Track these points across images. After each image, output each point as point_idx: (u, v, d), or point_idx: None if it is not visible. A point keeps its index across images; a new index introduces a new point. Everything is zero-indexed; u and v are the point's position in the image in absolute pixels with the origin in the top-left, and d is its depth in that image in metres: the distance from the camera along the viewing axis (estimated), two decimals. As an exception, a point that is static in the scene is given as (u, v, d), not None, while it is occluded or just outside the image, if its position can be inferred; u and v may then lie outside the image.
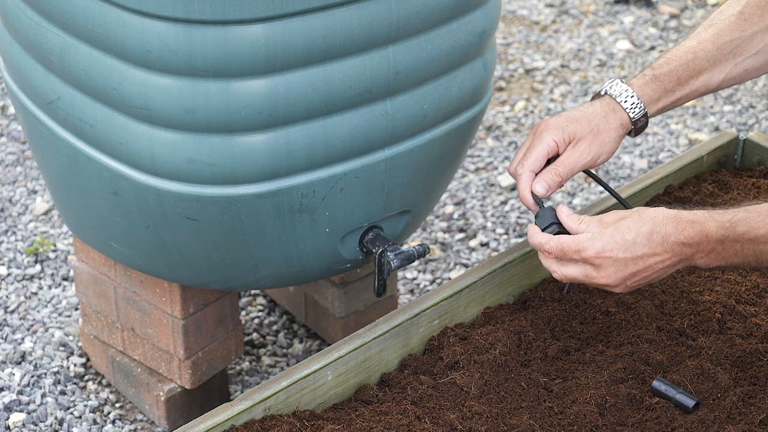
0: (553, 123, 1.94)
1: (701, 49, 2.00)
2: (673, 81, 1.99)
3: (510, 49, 3.80)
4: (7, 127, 3.38)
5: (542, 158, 1.93)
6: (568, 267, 1.81)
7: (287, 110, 1.90)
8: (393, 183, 2.07)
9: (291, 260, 2.10)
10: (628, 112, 1.96)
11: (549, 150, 1.93)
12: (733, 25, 2.00)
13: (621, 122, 1.96)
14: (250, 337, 2.68)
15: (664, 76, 1.99)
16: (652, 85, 1.98)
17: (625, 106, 1.96)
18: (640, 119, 1.97)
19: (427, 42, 1.98)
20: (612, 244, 1.76)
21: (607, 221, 1.80)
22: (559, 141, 1.93)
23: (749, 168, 2.35)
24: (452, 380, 1.87)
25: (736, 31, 1.99)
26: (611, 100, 1.97)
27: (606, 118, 1.95)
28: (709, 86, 2.02)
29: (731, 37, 2.00)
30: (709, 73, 2.00)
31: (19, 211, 3.06)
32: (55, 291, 2.80)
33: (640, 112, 1.96)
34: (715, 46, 2.00)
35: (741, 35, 1.99)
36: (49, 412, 2.46)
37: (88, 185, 2.07)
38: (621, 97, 1.96)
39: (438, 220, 3.06)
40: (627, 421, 1.78)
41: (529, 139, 1.95)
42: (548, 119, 1.95)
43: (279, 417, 1.80)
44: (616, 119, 1.96)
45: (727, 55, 2.00)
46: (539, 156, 1.93)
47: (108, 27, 1.87)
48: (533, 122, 3.45)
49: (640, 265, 1.77)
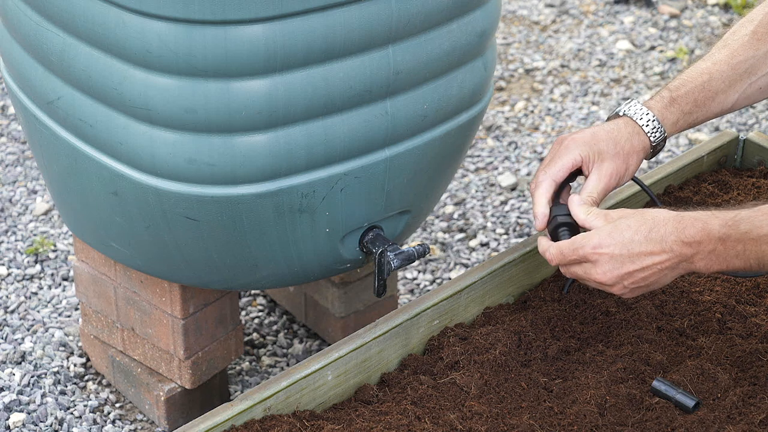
0: (579, 139, 1.93)
1: (716, 70, 2.00)
2: (690, 103, 1.99)
3: (510, 49, 3.80)
4: (7, 127, 3.38)
5: (566, 170, 1.92)
6: (571, 267, 1.82)
7: (287, 110, 1.90)
8: (393, 183, 2.07)
9: (291, 260, 2.10)
10: (649, 136, 1.95)
11: (574, 163, 1.92)
12: (747, 44, 2.00)
13: (643, 145, 1.96)
14: (250, 337, 2.68)
15: (682, 99, 1.99)
16: (671, 108, 1.98)
17: (647, 130, 1.95)
18: (660, 143, 1.97)
19: (427, 42, 1.98)
20: (609, 240, 1.76)
21: (612, 217, 1.80)
22: (585, 157, 1.92)
23: (749, 168, 2.35)
24: (452, 380, 1.87)
25: (749, 50, 2.00)
26: (633, 123, 1.96)
27: (630, 140, 1.94)
28: (724, 106, 2.02)
29: (745, 56, 2.00)
30: (725, 94, 2.01)
31: (19, 211, 3.06)
32: (55, 291, 2.79)
33: (660, 136, 1.96)
34: (729, 66, 2.00)
35: (755, 54, 2.00)
36: (49, 412, 2.46)
37: (88, 185, 2.07)
38: (642, 121, 1.96)
39: (438, 220, 3.06)
40: (627, 421, 1.78)
41: (553, 151, 1.94)
42: (574, 134, 1.94)
43: (279, 417, 1.80)
44: (640, 142, 1.95)
45: (741, 74, 2.00)
46: (564, 167, 1.92)
47: (108, 27, 1.87)
48: (533, 122, 3.45)
49: (637, 264, 1.76)
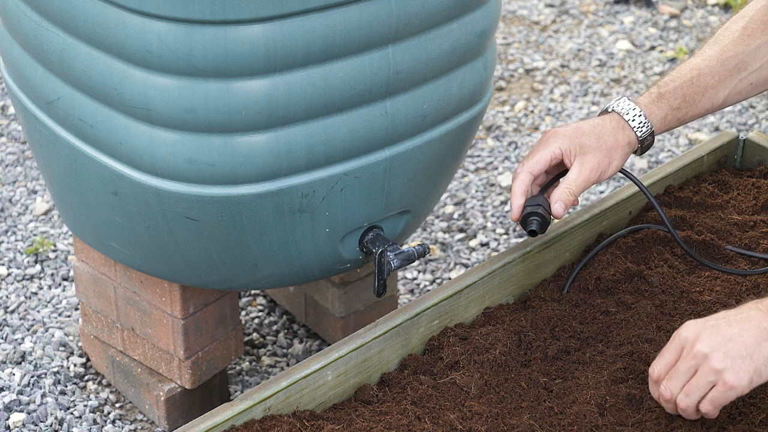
0: (561, 132, 1.94)
1: (706, 65, 1.99)
2: (679, 98, 1.99)
3: (510, 49, 3.80)
4: (7, 127, 3.38)
5: (544, 162, 1.93)
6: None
7: (287, 110, 1.90)
8: (393, 183, 2.07)
9: (291, 260, 2.10)
10: (635, 130, 1.96)
11: (553, 156, 1.93)
12: (737, 40, 1.99)
13: (629, 140, 1.96)
14: (250, 337, 2.68)
15: (670, 94, 1.99)
16: (659, 103, 1.98)
17: (633, 125, 1.96)
18: (647, 138, 1.97)
19: (427, 42, 1.98)
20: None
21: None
22: (565, 150, 1.93)
23: (749, 168, 2.35)
24: (452, 380, 1.87)
25: (740, 45, 1.99)
26: (619, 118, 1.96)
27: (614, 134, 1.95)
28: (714, 102, 2.01)
29: (735, 51, 1.99)
30: (714, 90, 2.00)
31: (19, 211, 3.06)
32: (55, 291, 2.79)
33: (647, 131, 1.96)
34: (719, 62, 1.99)
35: (745, 50, 1.99)
36: (49, 412, 2.46)
37: (88, 185, 2.07)
38: (629, 116, 1.96)
39: (438, 220, 3.06)
40: (627, 421, 1.78)
41: (535, 145, 1.95)
42: (557, 128, 1.95)
43: (279, 417, 1.80)
44: (624, 137, 1.95)
45: (731, 70, 1.99)
46: (541, 159, 1.93)
47: (108, 27, 1.87)
48: (533, 122, 3.45)
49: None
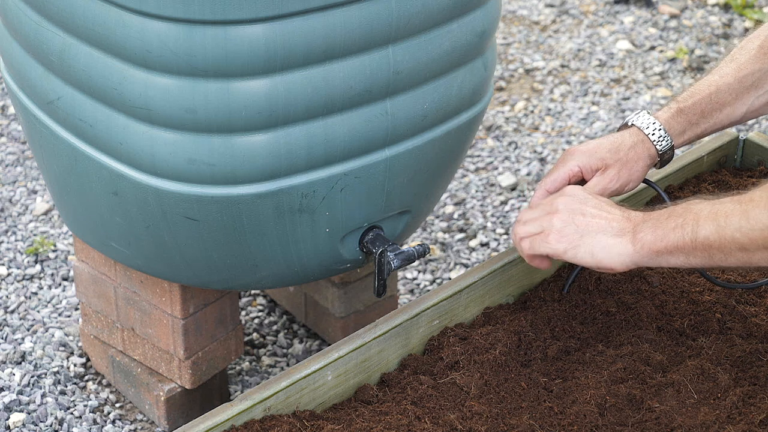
0: (580, 149, 1.96)
1: (723, 83, 2.02)
2: (697, 114, 2.02)
3: (510, 49, 3.80)
4: (7, 127, 3.38)
5: (561, 181, 1.94)
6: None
7: (287, 110, 1.90)
8: (393, 183, 2.07)
9: (291, 260, 2.10)
10: (655, 144, 1.98)
11: (571, 174, 1.94)
12: (754, 58, 2.02)
13: (649, 153, 1.98)
14: (250, 337, 2.68)
15: (689, 109, 2.01)
16: (678, 117, 2.01)
17: (653, 139, 1.98)
18: (667, 152, 1.99)
19: (427, 42, 1.98)
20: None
21: None
22: (584, 167, 1.94)
23: (749, 168, 2.35)
24: (452, 380, 1.87)
25: (756, 64, 2.02)
26: (639, 132, 1.99)
27: (634, 148, 1.97)
28: (732, 118, 2.04)
29: (752, 69, 2.02)
30: (731, 106, 2.03)
31: (19, 211, 3.06)
32: (55, 291, 2.79)
33: (667, 144, 1.99)
34: (736, 80, 2.02)
35: (761, 68, 2.02)
36: (49, 412, 2.46)
37: (88, 185, 2.07)
38: (648, 129, 1.98)
39: (438, 220, 3.06)
40: (627, 421, 1.78)
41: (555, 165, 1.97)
42: (577, 146, 1.97)
43: (279, 417, 1.80)
44: (644, 150, 1.98)
45: (748, 87, 2.02)
46: (558, 178, 1.94)
47: (108, 27, 1.87)
48: (533, 122, 3.45)
49: (590, 206, 1.82)
